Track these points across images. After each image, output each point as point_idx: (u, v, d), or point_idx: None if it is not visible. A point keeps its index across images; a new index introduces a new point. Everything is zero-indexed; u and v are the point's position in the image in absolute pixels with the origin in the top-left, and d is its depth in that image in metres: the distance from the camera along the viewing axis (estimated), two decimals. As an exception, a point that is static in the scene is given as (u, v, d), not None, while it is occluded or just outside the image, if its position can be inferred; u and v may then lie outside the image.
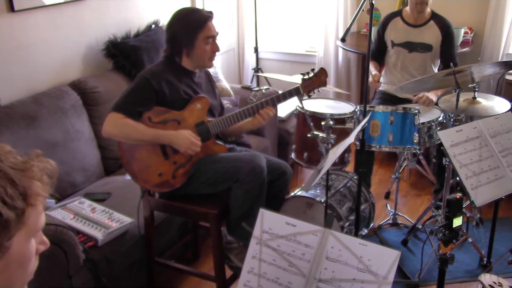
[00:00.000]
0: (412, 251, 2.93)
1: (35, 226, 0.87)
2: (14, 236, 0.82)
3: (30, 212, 0.84)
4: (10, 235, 0.81)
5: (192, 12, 2.39)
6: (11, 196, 0.80)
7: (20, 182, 0.82)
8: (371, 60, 3.34)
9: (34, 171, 0.85)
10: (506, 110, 2.62)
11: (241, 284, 1.47)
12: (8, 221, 0.80)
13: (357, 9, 2.37)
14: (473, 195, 2.16)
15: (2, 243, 0.80)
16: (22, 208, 0.82)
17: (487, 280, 1.97)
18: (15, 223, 0.81)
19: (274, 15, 4.84)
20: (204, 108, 2.37)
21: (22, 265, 0.87)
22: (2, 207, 0.78)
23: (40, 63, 2.92)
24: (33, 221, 0.85)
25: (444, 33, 3.20)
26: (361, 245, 1.38)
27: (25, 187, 0.83)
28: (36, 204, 0.85)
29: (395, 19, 3.32)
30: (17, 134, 2.51)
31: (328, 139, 2.65)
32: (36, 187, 0.85)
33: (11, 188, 0.80)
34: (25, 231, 0.84)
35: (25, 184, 0.83)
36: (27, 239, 0.86)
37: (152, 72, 2.31)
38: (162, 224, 2.62)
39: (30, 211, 0.84)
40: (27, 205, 0.83)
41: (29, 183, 0.83)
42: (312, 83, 2.42)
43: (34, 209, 0.85)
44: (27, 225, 0.84)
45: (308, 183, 2.21)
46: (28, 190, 0.83)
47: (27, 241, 0.86)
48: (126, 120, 2.22)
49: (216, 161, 2.35)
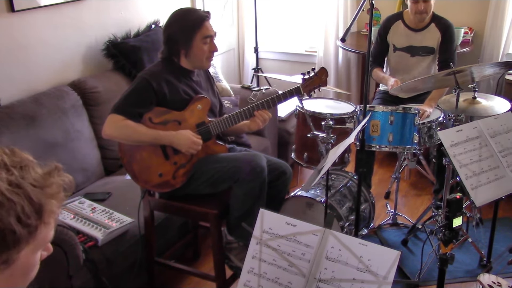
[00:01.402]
0: (412, 251, 2.93)
1: (44, 240, 0.88)
2: (23, 250, 0.83)
3: (41, 229, 0.85)
4: (20, 249, 0.82)
5: (189, 12, 2.39)
6: (27, 214, 0.81)
7: (37, 200, 0.82)
8: (377, 68, 3.31)
9: (53, 188, 0.86)
10: (506, 110, 2.62)
11: (241, 284, 1.47)
12: (20, 238, 0.81)
13: (357, 9, 2.37)
14: (473, 195, 2.16)
15: (11, 256, 0.82)
16: (35, 226, 0.83)
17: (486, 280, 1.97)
18: (26, 239, 0.82)
19: (274, 15, 4.84)
20: (204, 108, 2.37)
21: (25, 274, 0.88)
22: (16, 224, 0.79)
23: (40, 63, 2.92)
24: (43, 236, 0.87)
25: (443, 33, 3.19)
26: (361, 245, 1.38)
27: (42, 205, 0.83)
28: (49, 222, 0.86)
29: (396, 23, 3.29)
30: (17, 134, 2.51)
31: (328, 139, 2.65)
32: (52, 205, 0.85)
33: (28, 206, 0.81)
34: (34, 245, 0.85)
35: (42, 202, 0.83)
36: (34, 252, 0.87)
37: (152, 73, 2.31)
38: (162, 224, 2.62)
39: (42, 228, 0.85)
40: (40, 223, 0.84)
41: (46, 202, 0.84)
42: (312, 83, 2.42)
43: (46, 226, 0.86)
44: (36, 240, 0.85)
45: (308, 183, 2.21)
46: (43, 208, 0.84)
47: (33, 254, 0.87)
48: (127, 121, 2.22)
49: (216, 161, 2.35)
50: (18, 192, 0.80)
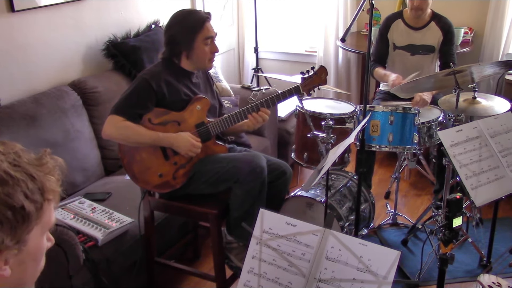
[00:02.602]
0: (412, 251, 2.93)
1: (49, 222, 0.90)
2: (32, 230, 0.85)
3: (46, 207, 0.87)
4: (30, 228, 0.85)
5: (190, 13, 2.38)
6: (31, 190, 0.83)
7: (38, 177, 0.85)
8: (378, 67, 3.32)
9: (49, 167, 0.89)
10: (506, 110, 2.62)
11: (241, 284, 1.47)
12: (30, 214, 0.83)
13: (357, 9, 2.37)
14: (473, 195, 2.16)
15: (22, 236, 0.84)
16: (40, 202, 0.85)
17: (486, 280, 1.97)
18: (35, 217, 0.84)
19: (274, 15, 4.84)
20: (204, 108, 2.37)
21: (36, 259, 0.90)
22: (24, 200, 0.82)
23: (40, 63, 2.92)
24: (48, 217, 0.89)
25: (444, 32, 3.20)
26: (361, 245, 1.38)
27: (42, 182, 0.86)
28: (51, 199, 0.89)
29: (396, 21, 3.30)
30: (17, 134, 2.51)
31: (328, 139, 2.65)
32: (51, 182, 0.88)
33: (31, 183, 0.84)
34: (41, 226, 0.88)
35: (42, 179, 0.86)
36: (42, 234, 0.90)
37: (152, 73, 2.30)
38: (162, 224, 2.62)
39: (46, 206, 0.87)
40: (44, 199, 0.86)
41: (45, 179, 0.87)
42: (312, 82, 2.42)
43: (49, 204, 0.88)
44: (42, 220, 0.87)
45: (308, 183, 2.21)
46: (44, 185, 0.86)
47: (41, 236, 0.90)
48: (126, 122, 2.22)
49: (216, 162, 2.35)
50: (19, 170, 0.83)
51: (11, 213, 0.80)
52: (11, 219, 0.81)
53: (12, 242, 0.82)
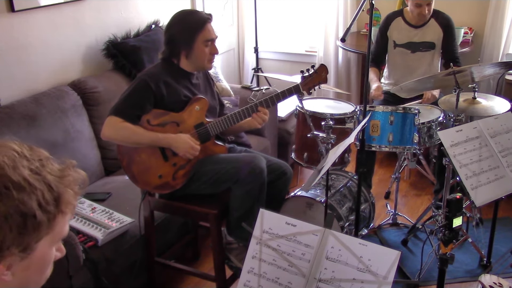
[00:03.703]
0: (412, 251, 2.93)
1: (60, 234, 0.90)
2: (41, 239, 0.85)
3: (59, 219, 0.87)
4: (39, 237, 0.84)
5: (191, 13, 2.38)
6: (46, 201, 0.83)
7: (56, 188, 0.85)
8: (371, 67, 3.33)
9: (70, 180, 0.89)
10: (506, 110, 2.62)
11: (241, 284, 1.47)
12: (41, 223, 0.83)
13: (357, 9, 2.37)
14: (473, 195, 2.16)
15: (30, 244, 0.83)
16: (54, 214, 0.85)
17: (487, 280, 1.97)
18: (46, 227, 0.84)
19: (274, 15, 4.84)
20: (203, 109, 2.36)
21: (41, 269, 0.90)
22: (37, 209, 0.82)
23: (40, 63, 2.92)
24: (60, 228, 0.88)
25: (444, 28, 3.22)
26: (361, 245, 1.38)
27: (60, 194, 0.86)
28: (66, 212, 0.88)
29: (397, 19, 3.32)
30: (17, 134, 2.51)
31: (328, 139, 2.65)
32: (69, 195, 0.88)
33: (48, 193, 0.84)
34: (51, 236, 0.87)
35: (60, 191, 0.86)
36: (51, 245, 0.89)
37: (150, 74, 2.30)
38: (162, 224, 2.62)
39: (60, 218, 0.87)
40: (58, 211, 0.86)
41: (64, 191, 0.87)
42: (312, 80, 2.42)
43: (64, 217, 0.88)
44: (54, 231, 0.87)
45: (308, 183, 2.21)
46: (61, 197, 0.86)
47: (50, 246, 0.89)
48: (125, 123, 2.22)
49: (215, 162, 2.35)
50: (39, 179, 0.83)
51: (22, 220, 0.80)
52: (21, 226, 0.80)
53: (18, 249, 0.82)
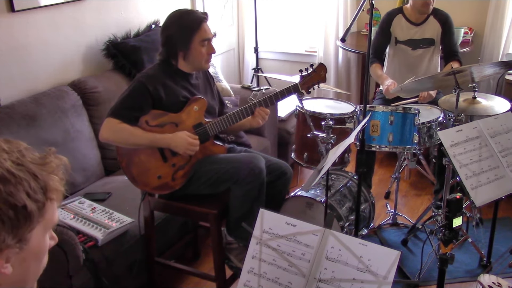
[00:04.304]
0: (412, 251, 2.93)
1: (52, 221, 0.90)
2: (34, 228, 0.85)
3: (48, 206, 0.87)
4: (32, 227, 0.85)
5: (187, 13, 2.35)
6: (34, 190, 0.84)
7: (41, 176, 0.85)
8: (375, 63, 3.33)
9: (53, 166, 0.89)
10: (506, 110, 2.62)
11: (241, 284, 1.47)
12: (32, 213, 0.83)
13: (357, 9, 2.37)
14: (473, 195, 2.16)
15: (24, 235, 0.84)
16: (43, 202, 0.85)
17: (486, 280, 1.97)
18: (37, 216, 0.85)
19: (274, 15, 4.84)
20: (201, 109, 2.36)
21: (38, 258, 0.90)
22: (26, 199, 0.82)
23: (40, 63, 2.92)
24: (50, 215, 0.89)
25: (442, 24, 3.24)
26: (361, 245, 1.38)
27: (46, 181, 0.86)
28: (54, 199, 0.89)
29: (398, 16, 3.33)
30: (17, 134, 2.51)
31: (328, 139, 2.65)
32: (55, 181, 0.88)
33: (34, 182, 0.84)
34: (43, 224, 0.88)
35: (45, 179, 0.86)
36: (44, 233, 0.90)
37: (148, 76, 2.29)
38: (162, 224, 2.62)
39: (49, 205, 0.87)
40: (46, 199, 0.86)
41: (49, 178, 0.87)
42: (311, 79, 2.42)
43: (52, 203, 0.89)
44: (45, 219, 0.87)
45: (308, 183, 2.21)
46: (47, 185, 0.86)
47: (43, 234, 0.90)
48: (123, 125, 2.22)
49: (215, 162, 2.35)
50: (22, 169, 0.83)
51: (13, 212, 0.81)
52: (13, 218, 0.81)
53: (14, 240, 0.82)
